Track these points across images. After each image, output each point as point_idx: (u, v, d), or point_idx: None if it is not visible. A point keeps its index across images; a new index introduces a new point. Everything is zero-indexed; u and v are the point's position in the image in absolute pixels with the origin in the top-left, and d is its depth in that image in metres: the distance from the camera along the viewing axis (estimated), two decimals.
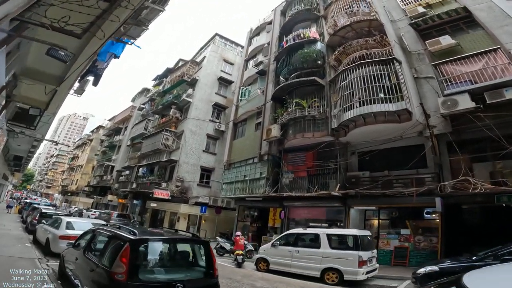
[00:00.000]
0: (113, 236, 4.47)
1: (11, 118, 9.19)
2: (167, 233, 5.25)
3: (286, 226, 15.24)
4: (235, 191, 17.80)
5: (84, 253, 4.84)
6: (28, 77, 9.13)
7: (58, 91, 9.88)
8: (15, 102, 7.90)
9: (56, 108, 11.54)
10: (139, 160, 28.86)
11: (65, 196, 56.54)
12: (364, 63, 12.14)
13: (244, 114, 19.67)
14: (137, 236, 4.10)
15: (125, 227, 4.78)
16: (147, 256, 4.36)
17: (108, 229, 4.94)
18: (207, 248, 4.92)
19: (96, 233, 5.16)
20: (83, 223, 9.58)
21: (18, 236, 10.72)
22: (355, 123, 12.13)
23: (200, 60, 29.06)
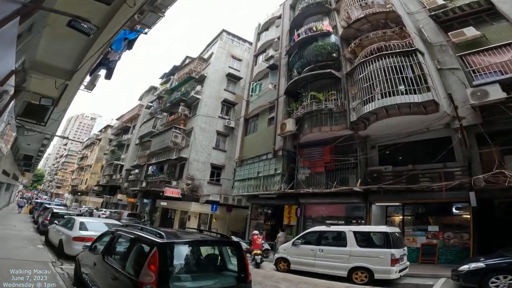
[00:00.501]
0: (137, 239, 3.93)
1: (20, 114, 8.75)
2: (194, 235, 4.70)
3: (302, 224, 14.71)
4: (248, 188, 17.24)
5: (103, 258, 4.31)
6: (37, 71, 8.71)
7: (68, 85, 9.43)
8: (25, 91, 7.42)
9: (66, 104, 11.10)
10: (148, 158, 28.50)
11: (75, 196, 56.67)
12: (383, 55, 11.67)
13: (256, 110, 19.08)
14: (166, 239, 3.55)
15: (148, 228, 4.25)
16: (176, 262, 3.81)
17: (130, 230, 4.40)
18: (239, 249, 4.38)
19: (116, 235, 4.63)
20: (97, 224, 9.13)
21: (29, 237, 10.32)
22: (376, 115, 11.59)
23: (208, 57, 28.51)
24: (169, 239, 3.61)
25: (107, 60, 9.62)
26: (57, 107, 10.67)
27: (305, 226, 14.70)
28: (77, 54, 7.82)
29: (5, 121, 5.56)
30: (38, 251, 8.03)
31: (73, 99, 11.38)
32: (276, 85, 17.87)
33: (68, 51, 7.80)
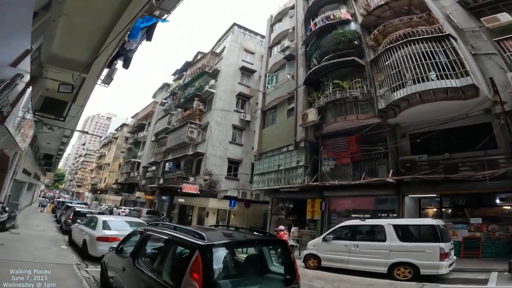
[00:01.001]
0: (172, 240, 3.37)
1: (38, 109, 8.45)
2: (236, 233, 4.12)
3: (327, 219, 14.02)
4: (268, 182, 16.63)
5: (134, 262, 3.79)
6: (53, 64, 8.36)
7: (86, 79, 9.05)
8: (43, 78, 7.03)
9: (84, 100, 10.74)
10: (164, 155, 28.35)
11: (95, 194, 57.68)
12: (412, 41, 11.10)
13: (274, 101, 18.38)
14: (207, 241, 2.97)
15: (183, 227, 3.69)
16: (220, 267, 3.22)
17: (162, 230, 3.84)
18: (285, 249, 3.81)
19: (145, 235, 4.09)
20: (120, 222, 8.76)
21: (53, 238, 10.09)
22: (408, 102, 10.86)
23: (220, 51, 27.98)
24: (212, 240, 3.03)
25: (124, 51, 9.17)
26: (75, 102, 10.35)
27: (330, 220, 14.04)
28: (94, 44, 7.39)
29: (21, 112, 5.14)
30: (62, 253, 7.70)
31: (90, 94, 11.02)
32: (294, 75, 17.14)
33: (85, 42, 7.37)
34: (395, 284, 7.35)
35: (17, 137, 5.61)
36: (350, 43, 13.87)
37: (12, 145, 6.70)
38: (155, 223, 4.59)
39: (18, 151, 7.40)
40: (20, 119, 5.40)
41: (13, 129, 5.11)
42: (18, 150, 7.45)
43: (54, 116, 9.04)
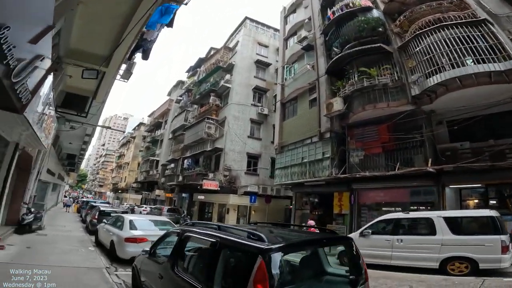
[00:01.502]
0: (222, 243, 2.78)
1: (59, 105, 8.18)
2: (297, 232, 3.53)
3: (357, 212, 13.24)
4: (292, 176, 15.95)
5: (172, 269, 3.26)
6: (72, 58, 8.02)
7: (106, 73, 8.69)
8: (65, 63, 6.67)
9: (104, 96, 10.42)
10: (182, 152, 28.19)
11: (116, 194, 58.78)
12: (445, 26, 10.50)
13: (294, 92, 17.63)
14: (270, 243, 2.37)
15: (230, 227, 3.14)
16: (283, 273, 2.62)
17: (205, 231, 3.25)
18: (350, 246, 3.32)
19: (184, 237, 3.53)
20: (145, 221, 8.36)
21: (80, 239, 9.87)
22: (446, 87, 10.08)
23: (233, 46, 27.42)
24: (274, 242, 2.43)
25: (144, 41, 8.72)
26: (95, 99, 10.10)
27: (360, 214, 13.27)
28: (113, 35, 6.99)
29: (42, 104, 4.74)
30: (90, 255, 7.37)
31: (110, 90, 10.69)
32: (314, 65, 16.38)
33: (104, 33, 6.97)
34: (451, 280, 6.64)
35: (39, 132, 5.23)
36: (373, 31, 13.13)
37: (35, 142, 6.38)
38: (192, 222, 4.03)
39: (42, 148, 7.11)
40: (41, 112, 4.99)
41: (34, 122, 4.70)
42: (41, 148, 7.15)
43: (75, 112, 8.75)
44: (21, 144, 6.84)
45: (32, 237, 8.92)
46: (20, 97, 3.35)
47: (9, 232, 8.54)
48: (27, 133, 5.87)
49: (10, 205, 9.36)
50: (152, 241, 7.42)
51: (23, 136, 6.08)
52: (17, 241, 7.87)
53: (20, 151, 7.10)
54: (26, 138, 6.21)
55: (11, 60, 2.73)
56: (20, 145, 6.87)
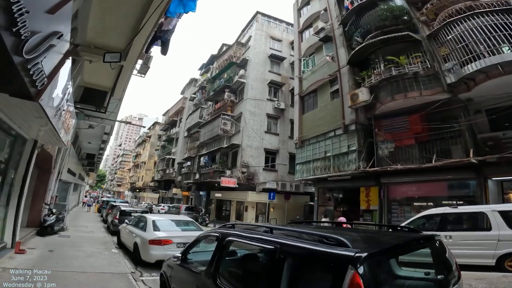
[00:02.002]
0: (285, 251, 2.13)
1: (78, 100, 7.80)
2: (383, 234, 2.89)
3: (387, 208, 12.43)
4: (314, 171, 15.21)
5: (214, 282, 2.66)
6: (89, 52, 7.59)
7: (124, 67, 8.24)
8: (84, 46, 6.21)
9: (122, 92, 10.02)
10: (198, 149, 27.88)
11: (134, 193, 59.46)
12: (479, 13, 9.90)
13: (313, 85, 16.83)
14: (362, 250, 1.73)
15: (285, 229, 2.51)
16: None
17: (257, 236, 2.59)
18: (442, 245, 2.69)
19: (226, 242, 2.89)
20: (167, 221, 7.86)
21: (102, 240, 9.53)
22: (486, 74, 9.39)
23: (246, 41, 26.81)
24: (367, 248, 1.79)
25: (162, 33, 8.19)
26: (113, 96, 9.73)
27: (390, 210, 12.45)
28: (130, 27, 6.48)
29: (59, 94, 4.26)
30: (114, 258, 6.94)
31: (127, 86, 10.31)
32: (334, 57, 15.56)
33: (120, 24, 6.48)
34: (511, 277, 5.86)
35: (57, 126, 4.77)
36: (397, 19, 12.38)
37: (54, 139, 5.97)
38: (231, 224, 3.42)
39: (61, 146, 6.72)
40: (59, 104, 4.52)
41: (52, 115, 4.23)
42: (61, 145, 6.75)
43: (94, 108, 8.36)
44: (39, 142, 6.45)
45: (55, 239, 8.63)
46: (34, 80, 2.84)
47: (30, 234, 8.28)
48: (46, 129, 5.45)
49: (31, 206, 9.13)
50: (177, 243, 6.98)
51: (41, 132, 5.68)
52: (39, 244, 7.56)
53: (39, 149, 6.73)
54: (44, 134, 5.81)
55: (23, 29, 2.19)
56: (39, 143, 6.48)
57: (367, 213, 13.27)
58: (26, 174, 6.11)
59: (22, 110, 4.08)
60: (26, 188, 6.30)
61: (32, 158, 6.23)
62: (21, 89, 3.09)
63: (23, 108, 3.95)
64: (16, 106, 4.03)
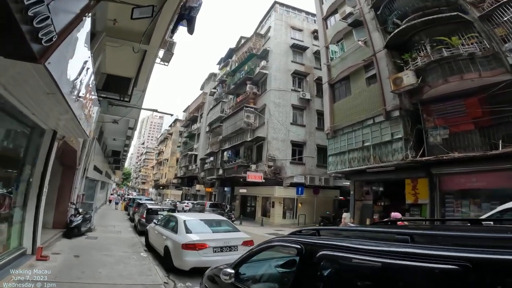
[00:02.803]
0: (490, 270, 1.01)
1: (100, 88, 7.01)
2: None
3: (439, 202, 10.94)
4: (350, 162, 13.84)
5: None
6: (110, 36, 6.76)
7: (147, 53, 7.36)
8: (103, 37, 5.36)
9: (145, 82, 9.18)
10: (220, 144, 27.12)
11: (158, 190, 60.10)
12: None
13: (344, 72, 15.43)
14: None
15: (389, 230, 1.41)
16: None
17: (394, 248, 1.43)
18: None
19: (319, 259, 1.72)
20: (198, 221, 6.84)
21: (130, 242, 8.76)
22: None
23: (265, 32, 25.57)
24: None
25: (186, 11, 7.17)
26: (136, 86, 8.95)
27: (443, 203, 10.93)
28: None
29: (76, 66, 3.34)
30: (143, 264, 6.05)
31: (151, 75, 9.45)
32: (367, 41, 14.21)
33: None
34: None
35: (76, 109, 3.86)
36: (440, 0, 11.21)
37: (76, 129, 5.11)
38: (313, 229, 2.28)
39: (84, 137, 5.89)
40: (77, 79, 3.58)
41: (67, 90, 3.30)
42: (84, 136, 5.91)
43: (118, 96, 7.55)
44: (59, 133, 5.64)
45: (82, 242, 7.94)
46: (37, 30, 1.88)
47: (56, 236, 7.62)
48: (66, 118, 4.60)
49: (56, 206, 8.52)
50: (213, 247, 5.98)
51: (61, 122, 4.85)
52: (64, 248, 6.86)
53: (59, 142, 5.92)
54: (65, 125, 4.97)
55: None
56: (59, 134, 5.67)
57: (414, 207, 11.80)
58: (45, 170, 5.31)
59: (29, 86, 3.16)
60: (46, 186, 5.52)
61: (52, 151, 5.43)
62: (19, 46, 2.13)
63: (29, 82, 3.02)
64: (22, 81, 3.12)
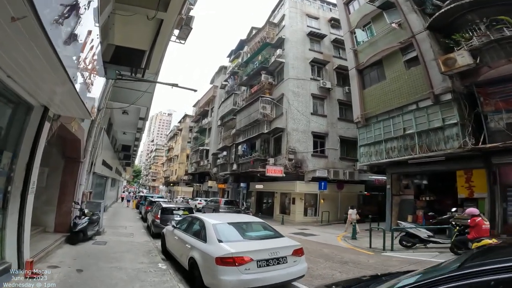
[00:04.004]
0: None
1: (108, 61, 5.57)
2: None
3: (500, 196, 9.27)
4: (388, 153, 12.17)
5: None
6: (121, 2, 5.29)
7: (163, 22, 5.86)
8: None
9: (159, 63, 7.69)
10: (234, 138, 25.64)
11: (168, 187, 59.01)
12: None
13: (375, 56, 13.87)
14: None
15: None
16: None
17: None
18: None
19: None
20: (232, 226, 5.20)
21: (144, 247, 7.27)
22: None
23: (279, 20, 23.86)
24: None
25: None
26: (148, 69, 7.49)
27: (505, 198, 9.27)
28: None
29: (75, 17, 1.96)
30: (164, 281, 4.51)
31: (164, 55, 7.95)
32: (402, 23, 12.75)
33: None
34: None
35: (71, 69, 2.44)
36: None
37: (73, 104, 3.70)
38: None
39: (85, 116, 4.38)
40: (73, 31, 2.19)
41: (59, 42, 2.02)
42: (85, 115, 4.40)
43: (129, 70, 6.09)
44: (53, 110, 4.18)
45: (88, 249, 6.54)
46: None
47: (58, 242, 6.22)
48: (62, 90, 3.16)
49: (58, 205, 7.13)
50: (257, 260, 4.48)
51: (56, 96, 3.43)
52: (66, 258, 5.47)
53: (53, 124, 4.45)
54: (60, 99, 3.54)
55: None
56: (52, 112, 4.20)
57: (469, 202, 10.08)
58: (32, 159, 3.87)
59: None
60: (33, 182, 4.09)
61: (41, 135, 3.98)
62: None
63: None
64: None
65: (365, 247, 9.25)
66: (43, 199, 7.05)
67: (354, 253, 8.49)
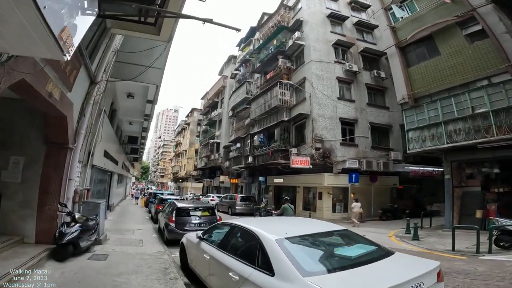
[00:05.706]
0: None
1: None
2: None
3: None
4: (451, 136, 9.98)
5: None
6: None
7: None
8: None
9: (171, 31, 5.54)
10: (247, 128, 23.60)
11: (177, 183, 57.39)
12: None
13: (423, 31, 11.89)
14: None
15: None
16: None
17: None
18: None
19: None
20: (308, 242, 3.06)
21: (158, 264, 5.08)
22: None
23: (294, 3, 21.67)
24: None
25: None
26: (159, 35, 5.46)
27: None
28: None
29: None
30: None
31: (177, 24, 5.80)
32: None
33: None
34: None
35: None
36: None
37: (31, 31, 1.68)
38: None
39: (55, 55, 2.34)
40: None
41: None
42: (55, 54, 2.25)
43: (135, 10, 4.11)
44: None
45: (80, 268, 4.50)
46: None
47: (36, 259, 4.13)
48: None
49: (39, 208, 5.09)
50: None
51: None
52: (45, 286, 3.50)
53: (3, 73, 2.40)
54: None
55: None
56: None
57: None
58: None
59: None
60: None
61: None
62: None
63: None
64: None
65: (443, 249, 7.43)
66: (18, 200, 5.09)
67: (439, 258, 6.27)
